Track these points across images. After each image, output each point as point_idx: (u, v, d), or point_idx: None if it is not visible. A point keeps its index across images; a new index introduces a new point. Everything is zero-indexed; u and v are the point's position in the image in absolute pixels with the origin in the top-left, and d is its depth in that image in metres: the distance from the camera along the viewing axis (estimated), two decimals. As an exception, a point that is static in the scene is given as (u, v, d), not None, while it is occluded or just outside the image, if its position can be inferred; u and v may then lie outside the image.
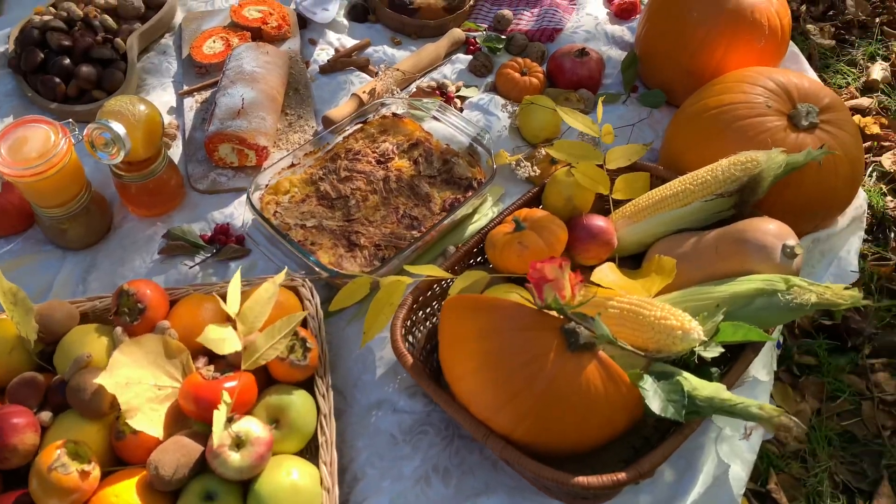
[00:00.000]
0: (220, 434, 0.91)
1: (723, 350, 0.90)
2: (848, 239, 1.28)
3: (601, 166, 1.18)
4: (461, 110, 1.46)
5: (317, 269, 1.13)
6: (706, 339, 0.91)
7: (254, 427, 0.95)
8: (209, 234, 1.25)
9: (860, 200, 1.30)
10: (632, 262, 1.17)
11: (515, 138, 1.40)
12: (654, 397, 0.86)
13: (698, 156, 1.19)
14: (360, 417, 1.10)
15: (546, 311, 0.88)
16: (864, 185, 1.64)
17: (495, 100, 1.43)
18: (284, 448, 1.00)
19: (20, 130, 1.11)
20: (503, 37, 1.57)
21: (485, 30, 1.58)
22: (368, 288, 1.04)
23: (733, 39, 1.32)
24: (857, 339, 1.37)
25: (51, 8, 1.43)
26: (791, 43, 1.59)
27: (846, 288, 0.89)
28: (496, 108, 1.42)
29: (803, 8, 1.98)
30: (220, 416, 0.91)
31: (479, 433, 0.90)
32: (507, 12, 1.59)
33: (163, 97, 1.43)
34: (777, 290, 0.92)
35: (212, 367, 1.00)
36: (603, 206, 1.20)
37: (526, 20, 1.62)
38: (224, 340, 0.94)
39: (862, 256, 1.47)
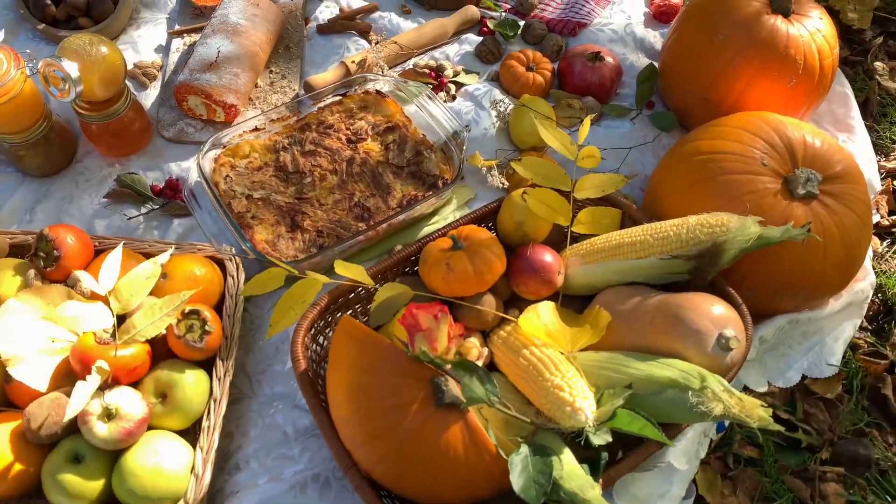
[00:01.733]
0: (84, 402, 0.89)
1: (609, 440, 0.81)
2: (840, 324, 1.14)
3: (567, 194, 1.08)
4: (454, 97, 1.36)
5: (245, 249, 1.09)
6: (596, 422, 0.82)
7: (128, 401, 0.93)
8: (161, 185, 1.22)
9: (864, 284, 1.16)
10: (581, 301, 1.07)
11: (502, 140, 1.30)
12: (522, 473, 0.79)
13: (677, 203, 1.08)
14: (260, 406, 1.07)
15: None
16: (880, 268, 1.45)
17: (492, 92, 1.33)
18: (167, 424, 0.98)
19: (-21, 55, 1.09)
20: (520, 23, 1.45)
21: (504, 11, 1.46)
22: (283, 280, 0.99)
23: (759, 73, 1.17)
24: (816, 439, 1.21)
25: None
26: (844, 81, 1.41)
27: (770, 405, 0.79)
28: (490, 102, 1.32)
29: (878, 41, 1.73)
30: (87, 384, 0.89)
31: (342, 461, 0.85)
32: (532, -5, 1.46)
33: (153, 32, 1.39)
34: (690, 386, 0.82)
35: (110, 330, 0.98)
36: (562, 235, 1.10)
37: (552, 8, 1.49)
38: (81, 319, 0.91)
39: (853, 347, 1.30)
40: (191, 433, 1.00)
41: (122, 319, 0.97)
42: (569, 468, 0.80)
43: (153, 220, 1.20)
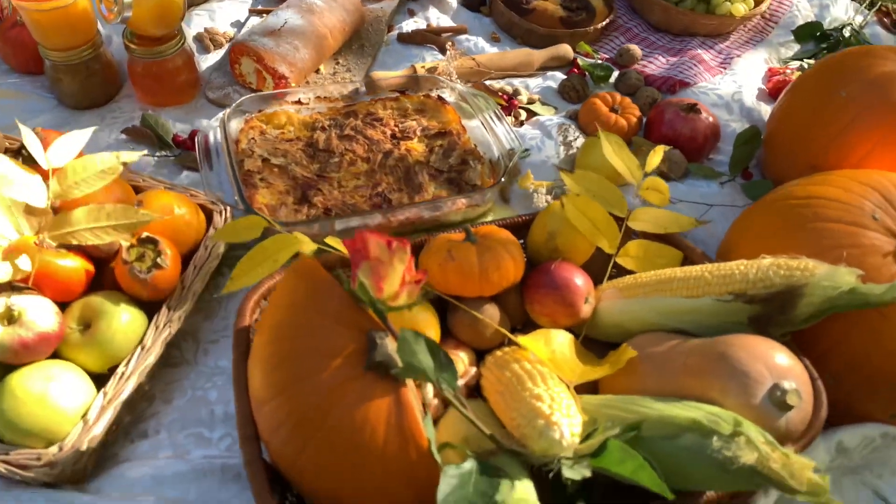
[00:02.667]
0: (-18, 298, 0.75)
1: (587, 475, 0.57)
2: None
3: (621, 220, 0.89)
4: (521, 124, 1.22)
5: (237, 199, 0.95)
6: (576, 452, 0.59)
7: (38, 310, 0.78)
8: (185, 136, 1.13)
9: None
10: (608, 349, 0.85)
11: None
12: (455, 490, 0.56)
13: (754, 251, 0.85)
14: (196, 376, 0.89)
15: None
16: None
17: (565, 126, 1.18)
18: (80, 359, 0.82)
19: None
20: (616, 71, 1.32)
21: (601, 60, 1.34)
22: (260, 231, 0.84)
23: (888, 137, 0.96)
24: None
25: None
26: None
27: (818, 470, 0.53)
28: (558, 129, 1.17)
29: None
30: (-12, 275, 0.75)
31: (242, 428, 0.66)
32: (635, 48, 1.34)
33: (235, 6, 1.36)
34: (716, 430, 0.57)
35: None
36: (603, 268, 0.90)
37: (655, 66, 1.35)
38: (11, 183, 0.78)
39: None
40: (103, 381, 0.83)
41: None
42: (519, 496, 0.56)
43: (164, 168, 1.10)
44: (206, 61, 1.27)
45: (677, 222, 0.92)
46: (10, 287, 0.79)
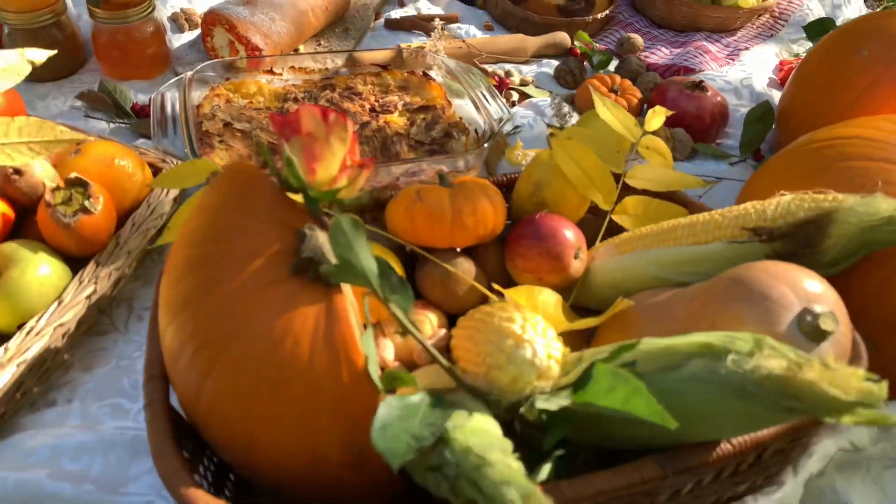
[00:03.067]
0: None
1: (564, 404, 0.45)
2: None
3: (618, 178, 0.78)
4: (513, 104, 1.13)
5: (188, 152, 0.85)
6: (553, 382, 0.46)
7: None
8: (144, 105, 1.05)
9: None
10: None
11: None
12: (394, 421, 0.43)
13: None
14: (124, 346, 0.77)
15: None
16: None
17: (558, 101, 1.08)
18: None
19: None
20: (616, 59, 1.23)
21: (600, 49, 1.26)
22: (205, 178, 0.73)
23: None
24: None
25: None
26: None
27: (870, 379, 0.40)
28: (553, 108, 1.07)
29: None
30: None
31: (149, 367, 0.54)
32: (636, 37, 1.26)
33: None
34: (731, 349, 0.45)
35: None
36: (597, 231, 0.78)
37: (658, 56, 1.27)
38: None
39: None
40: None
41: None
42: (477, 426, 0.43)
43: (119, 137, 1.00)
44: (180, 40, 1.20)
45: (682, 181, 0.80)
46: None
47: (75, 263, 0.76)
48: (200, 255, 0.48)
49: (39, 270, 0.72)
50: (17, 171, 0.74)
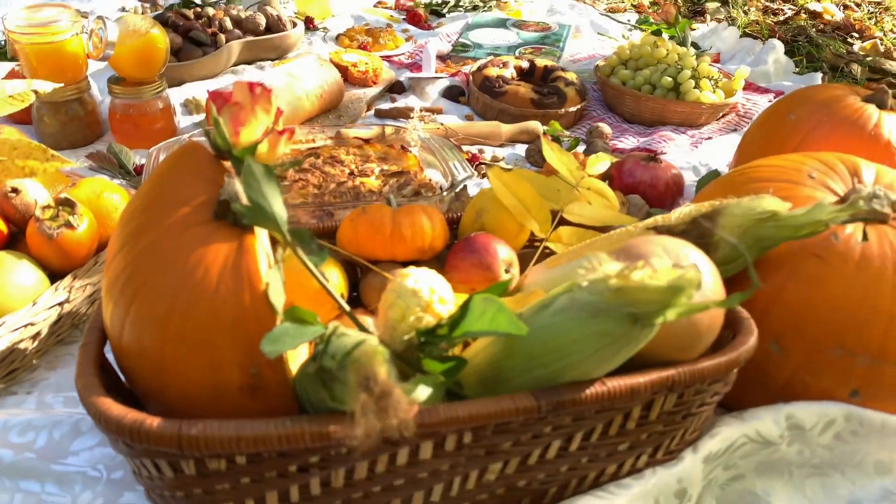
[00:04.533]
0: None
1: (445, 332, 0.49)
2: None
3: (556, 213, 0.85)
4: (483, 176, 1.22)
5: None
6: (438, 316, 0.51)
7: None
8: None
9: None
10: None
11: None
12: (283, 331, 0.48)
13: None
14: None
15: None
16: None
17: (519, 164, 1.18)
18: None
19: (48, 8, 1.18)
20: (584, 142, 1.33)
21: (570, 136, 1.36)
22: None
23: (841, 149, 0.92)
24: None
25: (206, 10, 1.59)
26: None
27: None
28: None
29: None
30: None
31: (93, 319, 0.59)
32: (604, 126, 1.36)
33: (228, 79, 1.47)
34: (586, 277, 0.49)
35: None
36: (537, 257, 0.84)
37: (625, 143, 1.37)
38: None
39: None
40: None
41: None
42: (359, 335, 0.47)
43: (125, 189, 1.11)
44: (188, 121, 1.33)
45: (617, 218, 0.87)
46: None
47: (57, 279, 0.84)
48: (139, 206, 0.56)
49: (20, 277, 0.80)
50: (14, 190, 0.84)
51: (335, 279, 0.75)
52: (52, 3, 1.20)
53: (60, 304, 0.81)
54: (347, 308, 0.55)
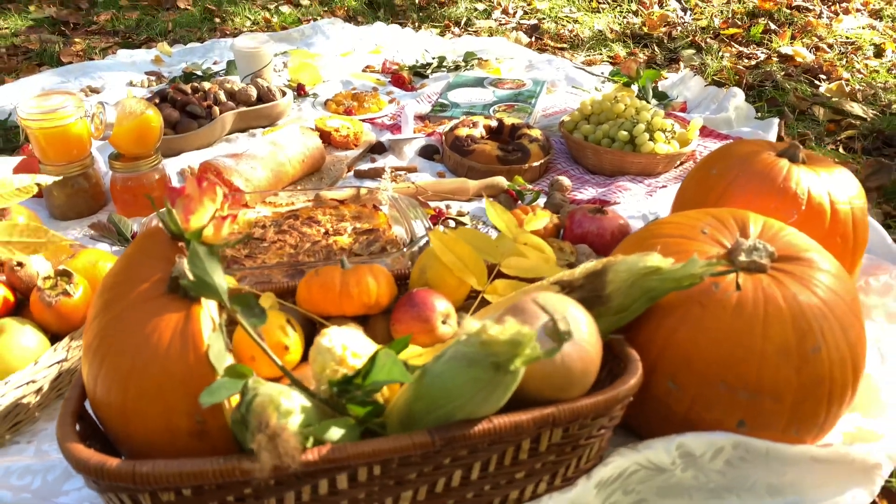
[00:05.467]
0: None
1: (357, 382, 0.60)
2: (829, 492, 0.78)
3: (492, 267, 0.96)
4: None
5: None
6: (351, 367, 0.62)
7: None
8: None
9: (870, 447, 0.79)
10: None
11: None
12: (219, 386, 0.59)
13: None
14: (85, 408, 0.94)
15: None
16: None
17: (476, 221, 1.29)
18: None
19: (56, 96, 1.33)
20: (542, 192, 1.44)
21: (532, 190, 1.47)
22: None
23: (753, 204, 1.02)
24: None
25: (202, 84, 1.74)
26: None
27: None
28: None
29: None
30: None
31: (75, 386, 0.71)
32: (564, 178, 1.47)
33: (222, 150, 1.60)
34: (468, 334, 0.60)
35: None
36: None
37: (585, 194, 1.48)
38: None
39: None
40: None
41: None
42: (277, 387, 0.58)
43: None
44: (183, 188, 1.47)
45: (550, 269, 0.97)
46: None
47: (57, 340, 0.96)
48: (110, 282, 0.68)
49: (23, 340, 0.92)
50: (20, 264, 0.96)
51: (291, 333, 0.86)
52: (58, 90, 1.35)
53: (59, 362, 0.93)
54: (280, 362, 0.66)
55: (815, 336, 0.75)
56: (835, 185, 1.04)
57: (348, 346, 0.64)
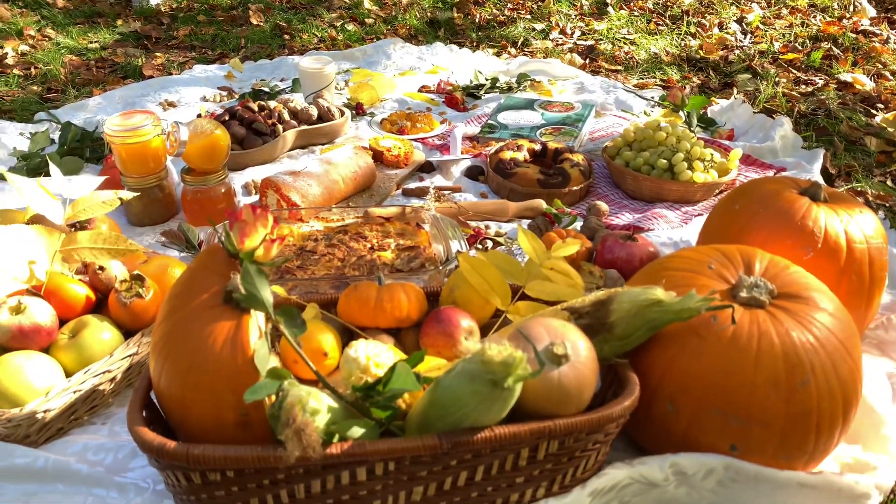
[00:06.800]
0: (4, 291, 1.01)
1: (377, 388, 0.69)
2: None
3: (518, 288, 1.04)
4: (486, 249, 1.42)
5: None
6: (374, 375, 0.72)
7: (39, 309, 1.01)
8: (208, 242, 1.42)
9: (858, 478, 0.84)
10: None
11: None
12: (261, 386, 0.69)
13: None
14: (151, 397, 1.07)
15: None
16: None
17: (510, 242, 1.37)
18: (62, 358, 1.02)
19: (137, 115, 1.47)
20: (579, 216, 1.52)
21: (570, 213, 1.55)
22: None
23: (770, 239, 1.08)
24: None
25: (268, 102, 1.88)
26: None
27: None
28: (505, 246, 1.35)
29: None
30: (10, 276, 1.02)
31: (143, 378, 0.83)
32: (602, 203, 1.54)
33: (285, 165, 1.74)
34: (474, 353, 0.68)
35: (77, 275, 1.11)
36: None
37: (621, 219, 1.54)
38: (37, 199, 1.06)
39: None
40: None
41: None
42: (308, 389, 0.68)
43: (185, 262, 1.37)
44: (248, 200, 1.60)
45: (573, 294, 1.05)
46: (27, 292, 1.05)
47: (130, 336, 1.09)
48: (175, 291, 0.79)
49: (103, 334, 1.05)
50: (101, 268, 1.10)
51: (329, 340, 0.96)
52: (139, 110, 1.50)
53: (131, 356, 1.06)
54: (313, 367, 0.76)
55: (804, 370, 0.81)
56: (853, 225, 1.08)
57: (372, 356, 0.74)
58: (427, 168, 1.76)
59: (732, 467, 0.82)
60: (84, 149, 1.75)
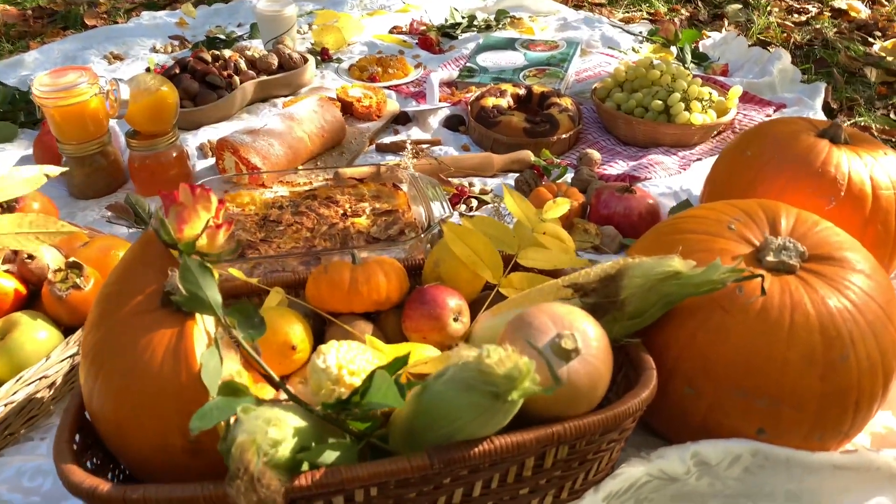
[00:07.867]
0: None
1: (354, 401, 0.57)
2: (854, 498, 0.74)
3: (510, 257, 0.92)
4: (471, 209, 1.30)
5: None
6: (349, 386, 0.60)
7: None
8: (161, 215, 1.28)
9: None
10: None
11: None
12: (211, 408, 0.57)
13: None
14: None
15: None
16: None
17: (497, 200, 1.24)
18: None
19: (70, 72, 1.31)
20: (570, 167, 1.39)
21: (560, 164, 1.42)
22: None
23: (789, 187, 0.96)
24: None
25: (223, 52, 1.71)
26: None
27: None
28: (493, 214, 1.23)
29: None
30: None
31: (73, 395, 0.70)
32: (594, 152, 1.41)
33: (240, 124, 1.58)
34: (470, 356, 0.56)
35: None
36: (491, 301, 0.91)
37: (615, 168, 1.41)
38: None
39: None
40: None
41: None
42: (267, 412, 0.56)
43: (133, 239, 1.23)
44: (203, 164, 1.45)
45: (569, 260, 0.93)
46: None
47: (69, 333, 0.95)
48: (103, 294, 0.66)
49: (36, 334, 0.92)
50: (30, 256, 0.96)
51: (298, 331, 0.83)
52: (73, 66, 1.33)
53: (72, 356, 0.93)
54: (276, 378, 0.64)
55: (843, 343, 0.70)
56: (878, 169, 0.97)
57: (344, 364, 0.62)
58: (402, 119, 1.61)
59: (761, 453, 0.72)
60: (17, 112, 1.57)
